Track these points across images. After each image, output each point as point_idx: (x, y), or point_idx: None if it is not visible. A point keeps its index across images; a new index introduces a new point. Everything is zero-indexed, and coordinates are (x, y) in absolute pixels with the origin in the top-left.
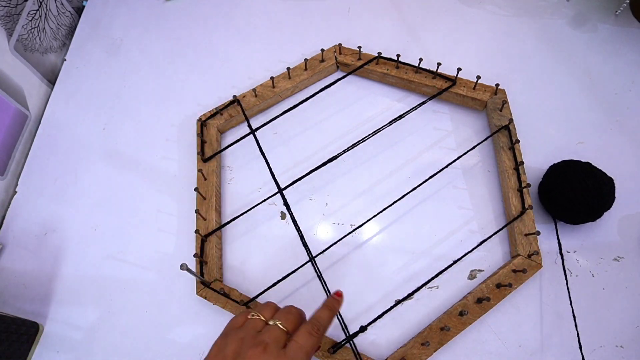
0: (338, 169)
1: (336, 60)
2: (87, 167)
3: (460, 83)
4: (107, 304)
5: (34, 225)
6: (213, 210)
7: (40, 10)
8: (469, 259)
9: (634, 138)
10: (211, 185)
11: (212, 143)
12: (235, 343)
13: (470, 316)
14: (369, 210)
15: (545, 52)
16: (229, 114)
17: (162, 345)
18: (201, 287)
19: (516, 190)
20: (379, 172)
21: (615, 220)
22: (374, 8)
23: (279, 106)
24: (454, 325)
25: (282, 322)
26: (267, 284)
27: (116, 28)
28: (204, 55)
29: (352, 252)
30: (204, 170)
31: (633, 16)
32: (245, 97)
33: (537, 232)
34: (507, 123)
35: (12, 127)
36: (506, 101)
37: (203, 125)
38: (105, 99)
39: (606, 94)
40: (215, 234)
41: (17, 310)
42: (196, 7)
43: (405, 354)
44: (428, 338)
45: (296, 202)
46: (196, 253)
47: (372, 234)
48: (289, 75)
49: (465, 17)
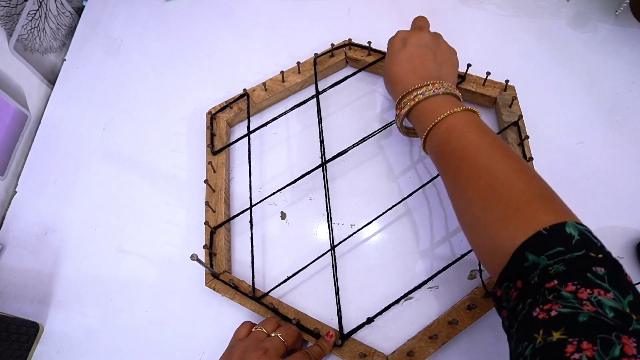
0: (342, 167)
1: (346, 55)
2: (87, 167)
3: (470, 79)
4: (107, 304)
5: (34, 225)
6: (222, 203)
7: (40, 10)
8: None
9: (634, 138)
10: (220, 178)
11: (222, 136)
12: (240, 351)
13: (479, 310)
14: (372, 208)
15: (545, 52)
16: (238, 108)
17: (164, 344)
18: (210, 278)
19: None
20: (385, 170)
21: (615, 219)
22: (374, 8)
23: (288, 101)
24: (462, 319)
25: (282, 335)
26: (273, 277)
27: (116, 28)
28: (204, 55)
29: (355, 249)
30: (213, 162)
31: (633, 16)
32: (255, 91)
33: None
34: (516, 119)
35: (12, 127)
36: (516, 97)
37: (213, 119)
38: (105, 99)
39: (606, 94)
40: (224, 227)
41: (17, 310)
42: (197, 6)
43: (413, 347)
44: (436, 331)
45: (296, 202)
46: (205, 244)
47: (374, 232)
48: (298, 69)
49: (465, 17)
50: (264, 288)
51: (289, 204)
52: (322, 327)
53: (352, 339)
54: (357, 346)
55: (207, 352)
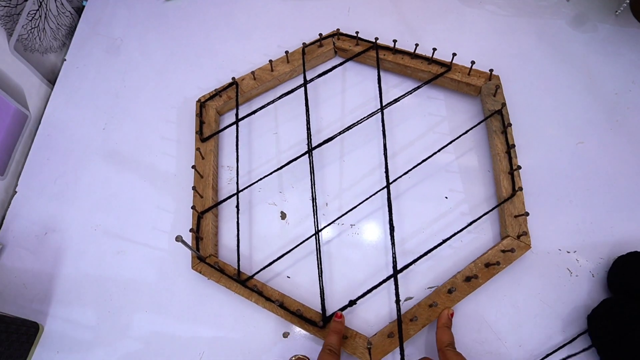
0: (332, 154)
1: (334, 45)
2: (87, 167)
3: (455, 69)
4: (107, 304)
5: (34, 225)
6: (210, 189)
7: (40, 10)
8: (464, 250)
9: (634, 138)
10: (209, 164)
11: (211, 124)
12: None
13: (459, 293)
14: (363, 194)
15: (545, 52)
16: (227, 96)
17: (164, 344)
18: (196, 262)
19: (507, 173)
20: (374, 158)
21: (615, 219)
22: (374, 8)
23: (277, 90)
24: (442, 302)
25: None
26: (259, 262)
27: (116, 28)
28: (204, 55)
29: (343, 233)
30: (202, 149)
31: (633, 16)
32: (244, 80)
33: (526, 214)
34: (500, 108)
35: (12, 127)
36: (499, 86)
37: (202, 107)
38: (105, 99)
39: (606, 94)
40: (211, 212)
41: (17, 310)
42: (196, 6)
43: (393, 329)
44: (417, 313)
45: (287, 187)
46: (192, 228)
47: (364, 216)
48: (287, 59)
49: (465, 17)
50: (250, 273)
51: (278, 192)
52: (304, 308)
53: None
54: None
55: (206, 352)
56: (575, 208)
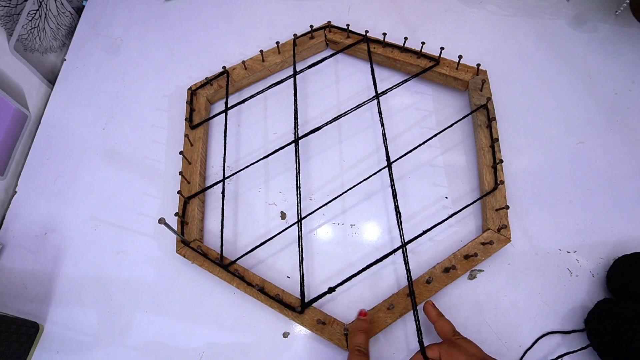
0: (320, 144)
1: (325, 37)
2: (87, 167)
3: (444, 63)
4: (107, 304)
5: (34, 225)
6: (197, 175)
7: (40, 10)
8: (445, 242)
9: (634, 138)
10: (197, 151)
11: (201, 112)
12: None
13: (436, 283)
14: (349, 184)
15: (545, 52)
16: (218, 85)
17: (164, 344)
18: (181, 245)
19: (490, 167)
20: (360, 151)
21: (615, 219)
22: (374, 8)
23: (267, 80)
24: (420, 292)
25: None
26: (243, 248)
27: (116, 28)
28: (204, 55)
29: (326, 224)
30: (190, 136)
31: (633, 16)
32: (235, 69)
33: (507, 207)
34: (485, 102)
35: (12, 127)
36: (486, 80)
37: (193, 95)
38: (105, 99)
39: (606, 94)
40: (198, 198)
41: (17, 311)
42: (196, 7)
43: (372, 317)
44: (394, 302)
45: (274, 176)
46: (177, 212)
47: (348, 207)
48: (278, 50)
49: (465, 17)
50: (235, 258)
51: (265, 181)
52: (283, 294)
53: (312, 307)
54: (317, 314)
55: (206, 352)
56: (575, 208)
